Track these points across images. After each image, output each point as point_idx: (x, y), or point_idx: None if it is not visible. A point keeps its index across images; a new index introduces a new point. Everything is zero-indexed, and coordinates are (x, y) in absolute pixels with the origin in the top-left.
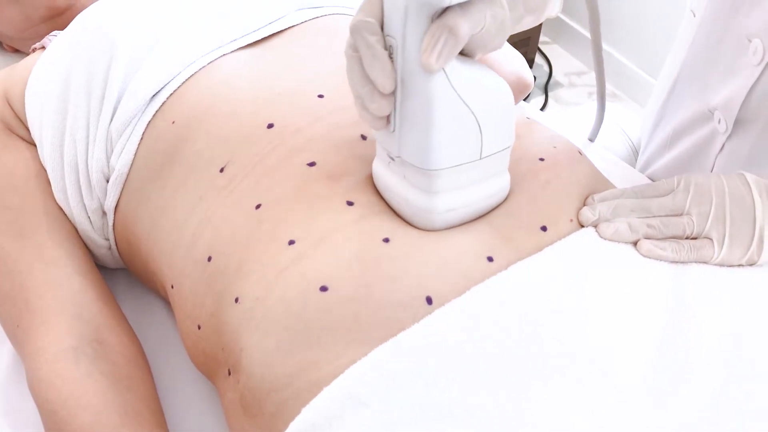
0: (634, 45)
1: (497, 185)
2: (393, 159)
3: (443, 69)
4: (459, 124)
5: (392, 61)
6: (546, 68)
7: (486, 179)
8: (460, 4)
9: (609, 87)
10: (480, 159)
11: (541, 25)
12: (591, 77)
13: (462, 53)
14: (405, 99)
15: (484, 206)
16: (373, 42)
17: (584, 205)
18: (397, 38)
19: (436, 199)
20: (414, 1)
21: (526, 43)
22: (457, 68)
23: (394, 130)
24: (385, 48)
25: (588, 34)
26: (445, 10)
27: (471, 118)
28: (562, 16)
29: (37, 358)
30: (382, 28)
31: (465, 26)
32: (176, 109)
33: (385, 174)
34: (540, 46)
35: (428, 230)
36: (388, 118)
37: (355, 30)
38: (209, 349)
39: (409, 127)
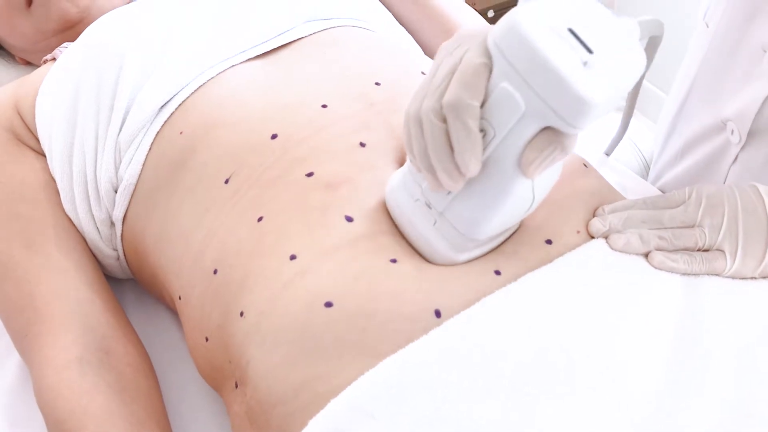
0: None
1: (511, 231)
2: (430, 207)
3: None
4: (519, 208)
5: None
6: None
7: (508, 232)
8: None
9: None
10: (518, 226)
11: None
12: None
13: None
14: (478, 177)
15: (496, 246)
16: (473, 128)
17: (594, 216)
18: (496, 131)
19: (463, 255)
20: (537, 113)
21: None
22: None
23: (449, 194)
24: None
25: None
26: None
27: (530, 203)
28: None
29: (43, 367)
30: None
31: (574, 146)
32: (184, 120)
33: (408, 208)
34: None
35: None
36: None
37: (455, 108)
38: (217, 361)
39: (470, 200)
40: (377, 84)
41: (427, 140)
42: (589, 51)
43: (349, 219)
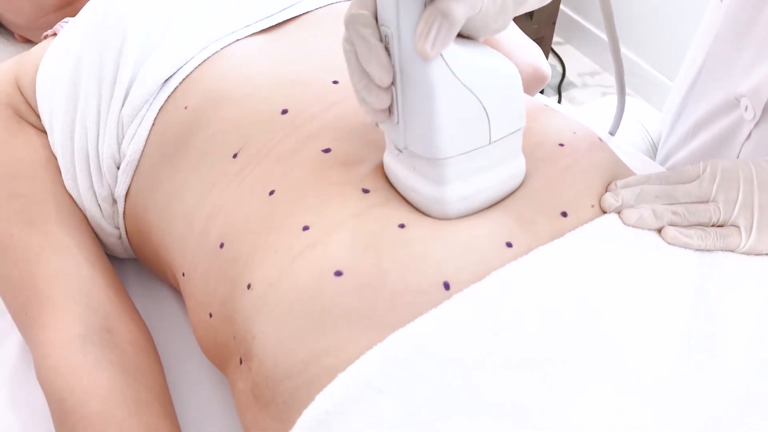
0: (646, 43)
1: (511, 169)
2: (401, 150)
3: (441, 55)
4: (463, 109)
5: (389, 52)
6: (559, 69)
7: (499, 164)
8: None
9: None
10: (489, 144)
11: (554, 25)
12: (604, 77)
13: (463, 36)
14: (405, 89)
15: (500, 192)
16: (368, 34)
17: (607, 190)
18: (391, 28)
19: (447, 188)
20: None
21: (539, 43)
22: (457, 52)
23: (398, 122)
24: (381, 39)
25: (601, 35)
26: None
27: (476, 103)
28: (576, 17)
29: (45, 346)
30: (376, 19)
31: (459, 9)
32: (189, 95)
33: (395, 166)
34: (553, 46)
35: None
36: (390, 109)
37: (349, 23)
38: (220, 337)
39: (412, 117)
40: None
41: (348, 69)
42: None
43: (366, 191)
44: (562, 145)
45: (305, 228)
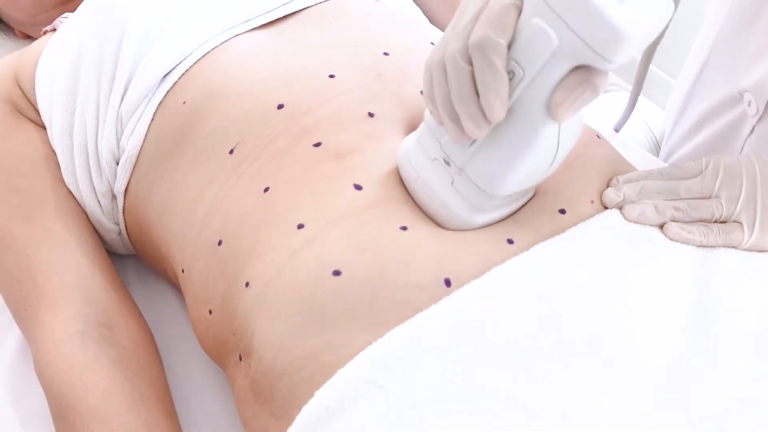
0: None
1: (528, 197)
2: (448, 164)
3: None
4: (542, 161)
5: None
6: None
7: (525, 195)
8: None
9: (622, 82)
10: (535, 185)
11: None
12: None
13: None
14: (502, 125)
15: (512, 213)
16: (499, 66)
17: (608, 186)
18: (525, 71)
19: (481, 215)
20: (567, 51)
21: None
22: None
23: (470, 145)
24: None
25: None
26: (585, 65)
27: (553, 155)
28: None
29: (44, 341)
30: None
31: (605, 86)
32: (188, 90)
33: (423, 166)
34: None
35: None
36: None
37: (481, 48)
38: (220, 334)
39: (492, 151)
40: (385, 54)
41: (451, 84)
42: None
43: (358, 187)
44: None
45: (300, 226)
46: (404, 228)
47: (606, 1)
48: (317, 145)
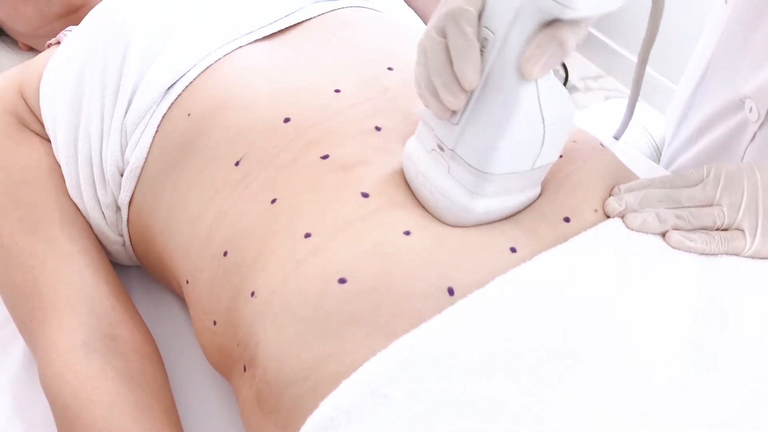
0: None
1: (530, 195)
2: (442, 149)
3: (536, 79)
4: (529, 134)
5: (481, 56)
6: (562, 72)
7: (524, 189)
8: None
9: (622, 88)
10: (531, 170)
11: None
12: (607, 81)
13: None
14: (483, 97)
15: (514, 211)
16: (470, 33)
17: (610, 195)
18: (496, 35)
19: (478, 200)
20: (531, 5)
21: None
22: (548, 80)
23: (457, 124)
24: (478, 41)
25: (604, 38)
26: (555, 21)
27: (540, 131)
28: None
29: (49, 353)
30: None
31: (573, 42)
32: (192, 102)
33: (422, 160)
34: None
35: (453, 226)
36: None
37: (452, 16)
38: (224, 344)
39: (477, 126)
40: (390, 69)
41: (428, 59)
42: None
43: (365, 195)
44: (560, 156)
45: (307, 235)
46: (407, 233)
47: None
48: (325, 157)
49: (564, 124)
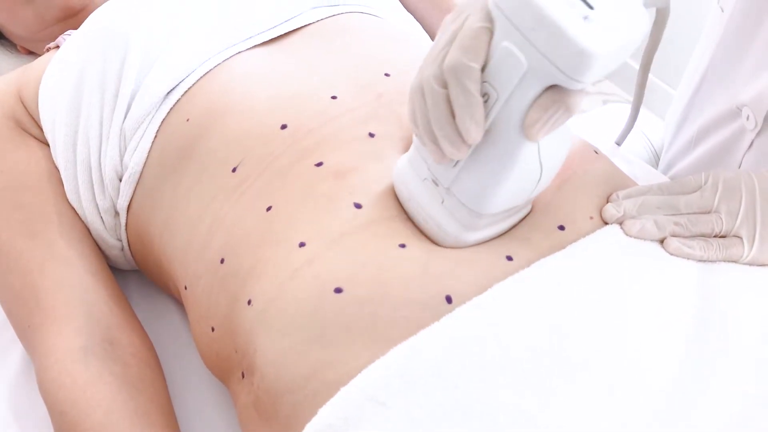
0: None
1: (523, 213)
2: (437, 185)
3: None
4: (526, 179)
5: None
6: None
7: (519, 211)
8: None
9: (620, 92)
10: (525, 201)
11: None
12: (605, 85)
13: None
14: (483, 145)
15: (507, 230)
16: (473, 90)
17: (608, 201)
18: (499, 93)
19: (473, 234)
20: (537, 72)
21: None
22: (551, 136)
23: (454, 166)
24: (481, 95)
25: None
26: (558, 85)
27: (537, 175)
28: None
29: (47, 357)
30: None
31: (580, 106)
32: (191, 107)
33: (416, 189)
34: None
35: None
36: None
37: (454, 72)
38: (223, 351)
39: (476, 170)
40: (387, 75)
41: (428, 108)
42: (590, 6)
43: (358, 206)
44: None
45: (302, 244)
46: (403, 245)
47: (570, 21)
48: (319, 164)
49: (562, 159)
